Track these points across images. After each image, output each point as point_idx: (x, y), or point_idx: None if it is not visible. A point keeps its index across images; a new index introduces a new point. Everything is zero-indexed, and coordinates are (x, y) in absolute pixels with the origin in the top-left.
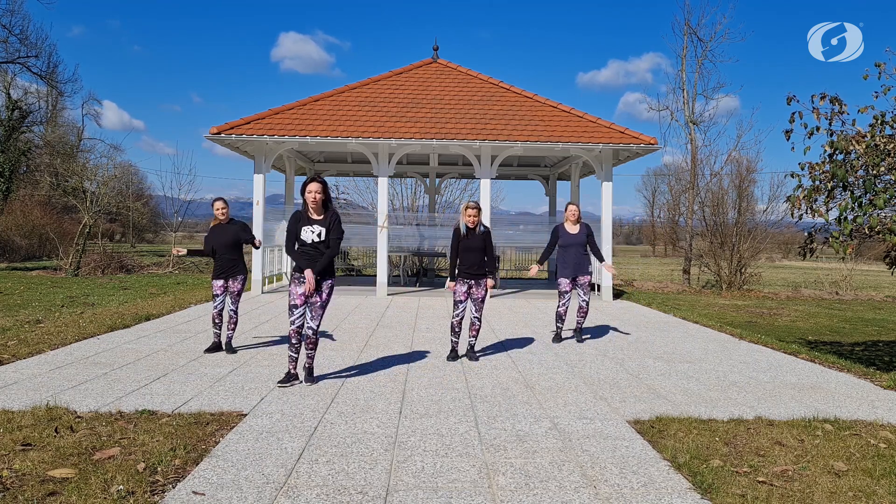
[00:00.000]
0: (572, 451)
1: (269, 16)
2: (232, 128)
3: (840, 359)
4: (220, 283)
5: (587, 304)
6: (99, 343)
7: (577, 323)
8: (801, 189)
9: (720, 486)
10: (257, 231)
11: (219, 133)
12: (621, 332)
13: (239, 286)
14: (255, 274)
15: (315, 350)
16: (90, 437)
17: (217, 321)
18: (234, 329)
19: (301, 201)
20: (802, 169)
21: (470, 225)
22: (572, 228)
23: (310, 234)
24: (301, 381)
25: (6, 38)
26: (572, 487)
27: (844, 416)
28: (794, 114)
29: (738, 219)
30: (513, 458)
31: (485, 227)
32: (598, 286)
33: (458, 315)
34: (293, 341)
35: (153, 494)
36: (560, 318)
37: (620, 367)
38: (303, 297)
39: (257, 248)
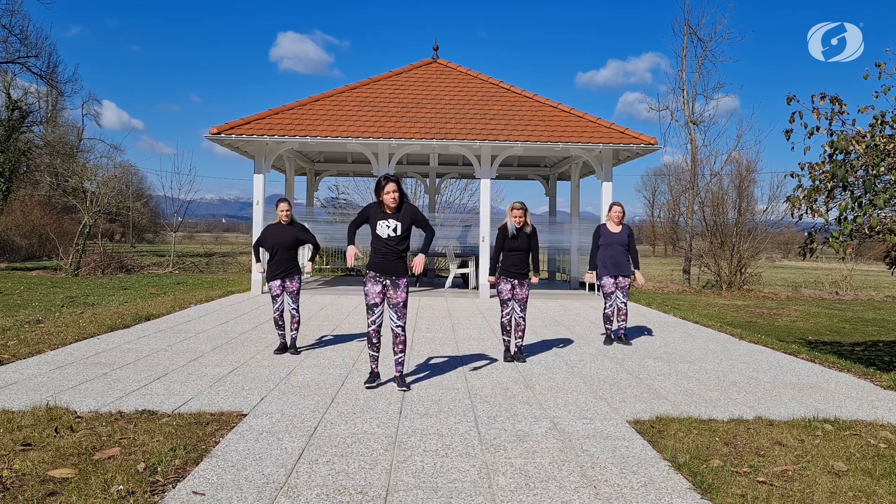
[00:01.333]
0: (572, 451)
1: (268, 16)
2: (232, 128)
3: (840, 359)
4: (277, 283)
5: (626, 305)
6: (99, 343)
7: (620, 327)
8: (801, 189)
9: (720, 486)
10: (257, 231)
11: (219, 133)
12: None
13: (297, 285)
14: (255, 274)
15: (405, 352)
16: (90, 437)
17: (280, 322)
18: (297, 329)
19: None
20: (802, 169)
21: (517, 225)
22: (614, 228)
23: (385, 228)
24: (382, 381)
25: (6, 38)
26: (572, 487)
27: (844, 416)
28: (794, 114)
29: (738, 219)
30: (513, 458)
31: (532, 226)
32: (599, 286)
33: (507, 314)
34: (374, 341)
35: (153, 494)
36: (608, 319)
37: (620, 367)
38: (381, 296)
39: (317, 248)
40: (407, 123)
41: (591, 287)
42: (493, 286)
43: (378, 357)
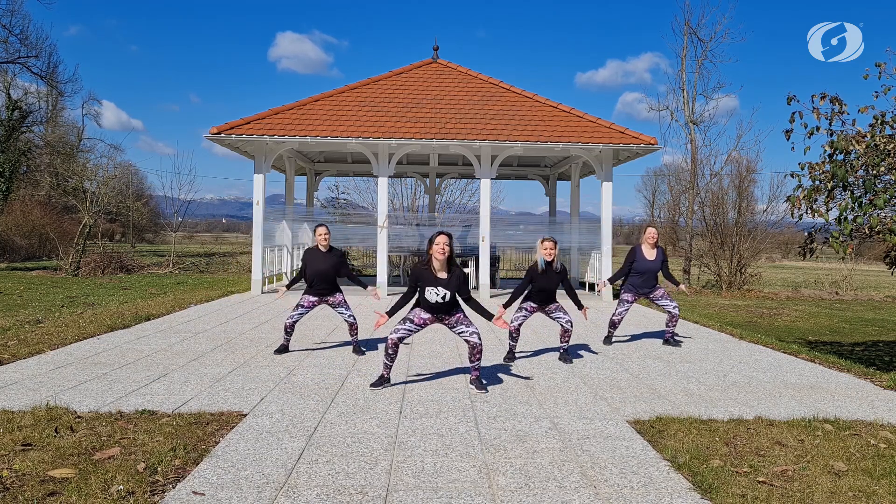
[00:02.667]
0: (572, 451)
1: (267, 15)
2: (232, 128)
3: (840, 359)
4: (313, 299)
5: (677, 308)
6: (99, 343)
7: (668, 332)
8: (801, 189)
9: (720, 486)
10: (257, 231)
11: (219, 133)
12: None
13: (340, 296)
14: (255, 274)
15: (481, 359)
16: (90, 437)
17: (289, 330)
18: (356, 333)
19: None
20: (802, 169)
21: (548, 258)
22: (649, 253)
23: (434, 295)
24: (387, 384)
25: (6, 38)
26: (572, 487)
27: (844, 416)
28: (794, 114)
29: (738, 219)
30: (513, 458)
31: (562, 265)
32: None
33: (518, 321)
34: (390, 352)
35: (153, 494)
36: (614, 325)
37: (620, 367)
38: (425, 323)
39: (353, 280)
40: (407, 123)
41: (591, 287)
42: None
43: (392, 367)
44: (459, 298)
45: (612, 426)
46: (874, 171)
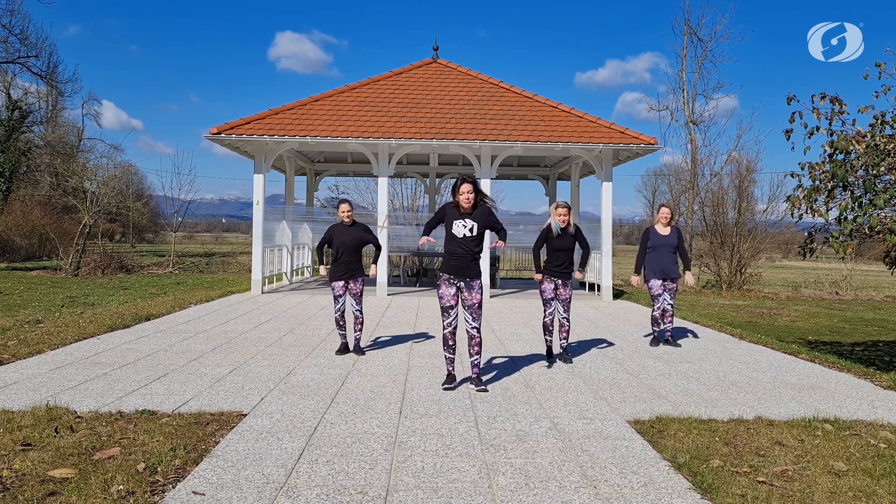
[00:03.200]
0: (572, 451)
1: (266, 15)
2: (232, 128)
3: (840, 359)
4: (340, 283)
5: (672, 307)
6: (99, 343)
7: (667, 330)
8: (801, 189)
9: (720, 486)
10: (257, 231)
11: (219, 133)
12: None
13: (361, 286)
14: (255, 274)
15: (481, 353)
16: (90, 437)
17: (341, 323)
18: (361, 330)
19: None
20: (802, 169)
21: (562, 224)
22: (663, 230)
23: (461, 228)
24: (458, 384)
25: (6, 38)
26: (572, 487)
27: (844, 416)
28: (794, 114)
29: (738, 219)
30: (513, 458)
31: (576, 226)
32: (599, 286)
33: (549, 314)
34: (450, 343)
35: (153, 494)
36: (655, 321)
37: (620, 366)
38: (456, 298)
39: (379, 249)
40: (407, 123)
41: (592, 287)
42: (539, 283)
43: (454, 359)
44: (491, 237)
45: (612, 426)
46: (874, 171)
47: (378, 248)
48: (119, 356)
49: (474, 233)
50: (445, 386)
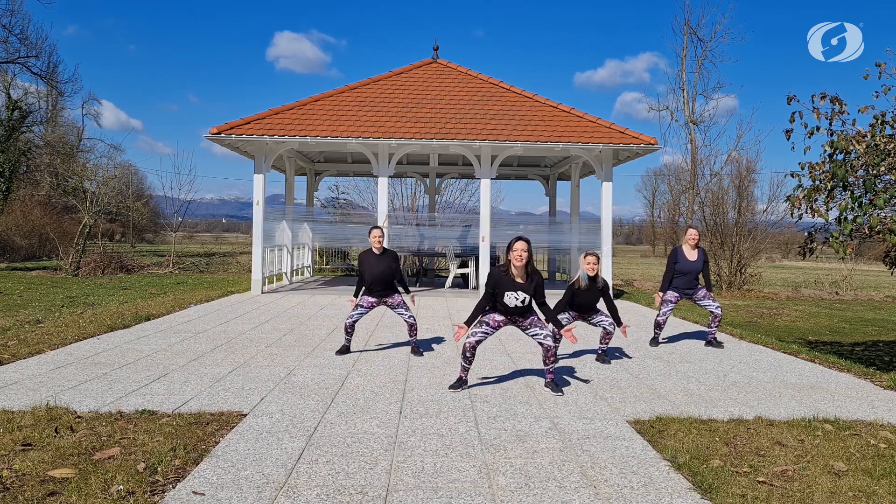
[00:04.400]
0: (572, 451)
1: (264, 15)
2: (232, 128)
3: (840, 359)
4: (372, 300)
5: (719, 308)
6: (99, 343)
7: (711, 334)
8: (801, 189)
9: (720, 486)
10: (257, 231)
11: (219, 133)
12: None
13: (399, 297)
14: (255, 274)
15: (555, 361)
16: (90, 437)
17: (350, 330)
18: (415, 334)
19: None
20: (802, 169)
21: (590, 273)
22: (691, 254)
23: (513, 299)
24: (463, 387)
25: (6, 38)
26: (572, 487)
27: (844, 416)
28: (794, 113)
29: (738, 219)
30: (513, 458)
31: (604, 280)
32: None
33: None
34: (467, 355)
35: (153, 494)
36: (659, 326)
37: (620, 366)
38: (504, 324)
39: (406, 288)
40: (407, 123)
41: None
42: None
43: (469, 369)
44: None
45: (612, 426)
46: (874, 171)
47: (405, 287)
48: (119, 356)
49: (526, 304)
50: (453, 388)
